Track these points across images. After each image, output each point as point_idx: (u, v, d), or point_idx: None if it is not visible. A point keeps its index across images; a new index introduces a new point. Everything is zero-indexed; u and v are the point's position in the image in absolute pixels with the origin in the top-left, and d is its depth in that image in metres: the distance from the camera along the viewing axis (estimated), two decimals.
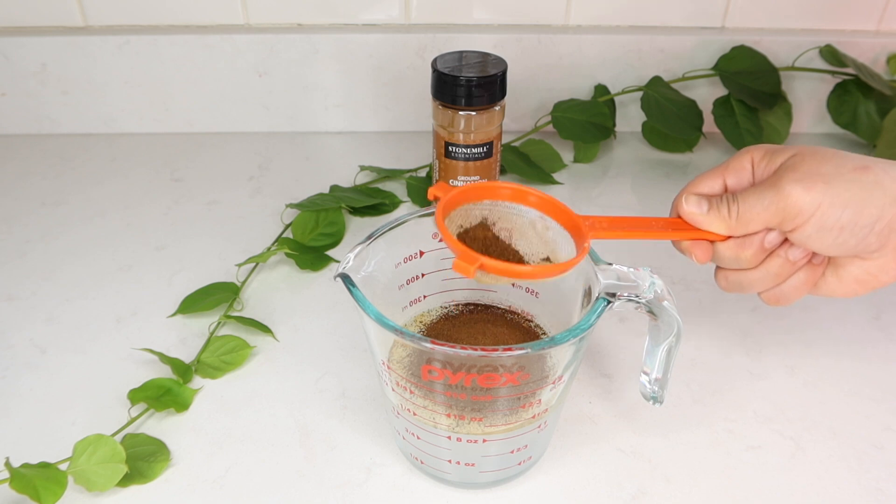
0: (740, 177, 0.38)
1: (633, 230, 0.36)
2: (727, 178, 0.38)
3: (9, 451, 0.40)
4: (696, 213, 0.37)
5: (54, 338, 0.49)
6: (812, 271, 0.38)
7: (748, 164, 0.38)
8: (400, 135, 0.74)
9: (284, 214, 0.60)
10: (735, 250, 0.37)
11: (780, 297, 0.39)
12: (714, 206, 0.36)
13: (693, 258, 0.38)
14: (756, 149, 0.38)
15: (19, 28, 0.69)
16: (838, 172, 0.34)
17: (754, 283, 0.38)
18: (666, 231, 0.37)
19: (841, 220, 0.34)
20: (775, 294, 0.39)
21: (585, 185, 0.67)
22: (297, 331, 0.49)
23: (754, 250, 0.37)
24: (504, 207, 0.36)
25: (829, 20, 0.71)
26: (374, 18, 0.70)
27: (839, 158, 0.35)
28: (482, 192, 0.36)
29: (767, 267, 0.38)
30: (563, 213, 0.35)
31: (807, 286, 0.38)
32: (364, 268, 0.36)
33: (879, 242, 0.35)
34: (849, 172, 0.34)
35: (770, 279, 0.38)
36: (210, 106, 0.72)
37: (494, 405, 0.35)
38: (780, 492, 0.39)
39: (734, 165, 0.38)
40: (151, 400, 0.43)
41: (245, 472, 0.40)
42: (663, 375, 0.38)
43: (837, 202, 0.34)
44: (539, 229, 0.36)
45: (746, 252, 0.37)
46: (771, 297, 0.39)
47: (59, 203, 0.63)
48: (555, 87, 0.71)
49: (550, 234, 0.36)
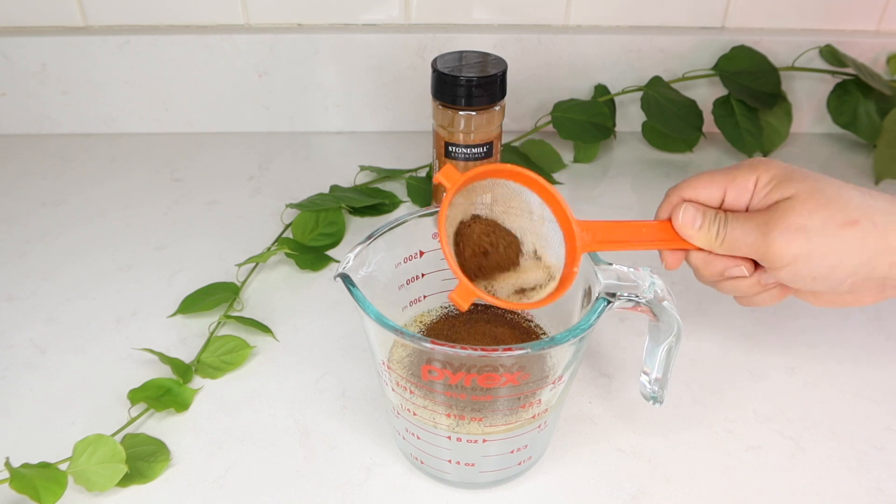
0: (741, 196, 0.38)
1: (623, 241, 0.37)
2: (729, 191, 0.38)
3: (9, 451, 0.40)
4: (689, 225, 0.38)
5: (54, 338, 0.49)
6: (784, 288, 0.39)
7: (752, 185, 0.38)
8: (400, 135, 0.74)
9: (284, 214, 0.60)
10: (703, 263, 0.39)
11: (752, 304, 0.40)
12: (706, 226, 0.37)
13: (664, 264, 0.39)
14: (764, 170, 0.37)
15: (19, 28, 0.69)
16: (824, 228, 0.35)
17: (725, 291, 0.40)
18: (653, 241, 0.38)
19: (815, 272, 0.36)
20: (747, 301, 0.40)
21: (585, 185, 0.67)
22: (297, 331, 0.49)
23: (716, 272, 0.39)
24: (506, 185, 0.36)
25: (829, 20, 0.71)
26: (374, 18, 0.70)
27: (832, 207, 0.35)
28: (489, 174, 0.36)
29: (734, 285, 0.39)
30: (563, 214, 0.36)
31: (780, 297, 0.40)
32: (364, 268, 0.36)
33: (853, 289, 0.37)
34: (835, 228, 0.35)
35: (739, 293, 0.40)
36: (210, 106, 0.72)
37: (494, 405, 0.35)
38: (780, 492, 0.39)
39: (740, 182, 0.38)
40: (151, 400, 0.43)
41: (245, 472, 0.40)
42: (663, 375, 0.38)
43: (816, 255, 0.35)
44: (535, 218, 0.36)
45: (711, 269, 0.38)
46: (744, 302, 0.41)
47: (59, 203, 0.63)
48: (555, 87, 0.71)
49: (545, 229, 0.36)
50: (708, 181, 0.38)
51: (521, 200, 0.36)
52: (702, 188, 0.38)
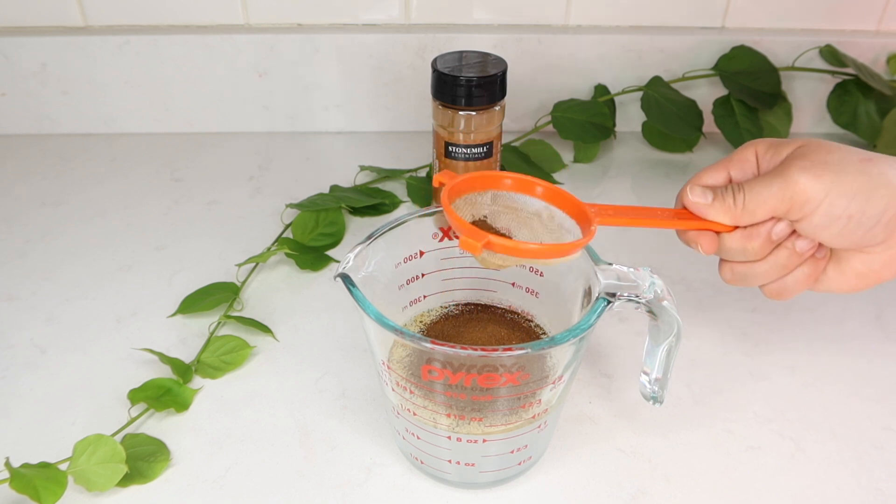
0: (744, 169, 0.38)
1: (639, 218, 0.36)
2: (731, 170, 0.38)
3: (9, 451, 0.40)
4: (701, 203, 0.37)
5: (54, 338, 0.49)
6: (815, 265, 0.38)
7: (752, 156, 0.38)
8: (400, 135, 0.74)
9: (284, 214, 0.60)
10: (742, 241, 0.37)
11: (783, 291, 0.39)
12: (719, 196, 0.36)
13: (699, 249, 0.38)
14: (760, 142, 0.38)
15: (19, 28, 0.69)
16: (846, 162, 0.35)
17: (760, 275, 0.38)
18: (672, 220, 0.37)
19: (849, 209, 0.34)
20: (777, 287, 0.39)
21: (585, 185, 0.67)
22: (297, 331, 0.49)
23: (761, 241, 0.37)
24: (508, 198, 0.36)
25: (829, 20, 0.71)
26: (374, 18, 0.69)
27: (844, 150, 0.36)
28: (487, 181, 0.36)
29: (775, 258, 0.37)
30: (569, 201, 0.36)
31: (809, 280, 0.39)
32: (364, 268, 0.36)
33: (885, 233, 0.35)
34: (856, 163, 0.35)
35: (776, 271, 0.38)
36: (210, 106, 0.72)
37: (494, 405, 0.35)
38: (780, 492, 0.39)
39: (738, 158, 0.38)
40: (151, 400, 0.43)
41: (245, 472, 0.40)
42: (663, 375, 0.38)
43: (846, 191, 0.34)
44: (544, 219, 0.36)
45: (754, 243, 0.37)
46: (773, 291, 0.39)
47: (59, 203, 0.63)
48: (555, 87, 0.71)
49: (556, 222, 0.36)
50: (709, 170, 0.38)
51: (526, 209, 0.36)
52: (705, 176, 0.38)
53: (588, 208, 0.35)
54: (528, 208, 0.36)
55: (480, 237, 0.31)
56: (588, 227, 0.34)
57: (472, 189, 0.36)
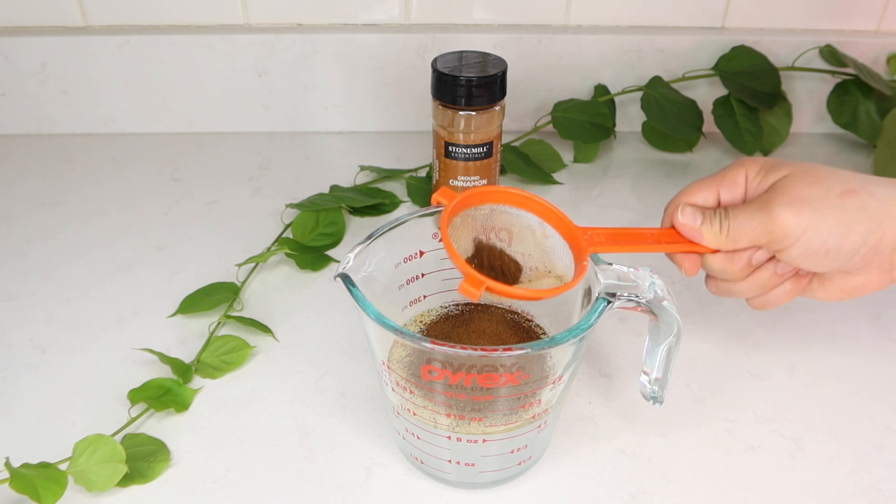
0: (734, 191, 0.39)
1: (629, 244, 0.37)
2: (721, 190, 0.39)
3: (9, 451, 0.40)
4: (690, 225, 0.38)
5: (54, 338, 0.49)
6: (798, 281, 0.40)
7: (742, 179, 0.39)
8: (400, 135, 0.74)
9: (284, 214, 0.60)
10: (724, 263, 0.38)
11: (766, 304, 0.40)
12: (707, 220, 0.37)
13: (682, 270, 0.39)
14: (751, 163, 0.39)
15: (19, 28, 0.69)
16: (826, 197, 0.35)
17: (742, 291, 0.40)
18: (660, 244, 0.38)
19: (826, 244, 0.35)
20: (762, 301, 0.40)
21: (585, 185, 0.67)
22: (297, 331, 0.49)
23: (742, 265, 0.38)
24: (504, 212, 0.36)
25: (829, 20, 0.71)
26: (374, 18, 0.70)
27: (829, 181, 0.36)
28: (484, 197, 0.36)
29: (755, 279, 0.39)
30: (563, 223, 0.36)
31: (793, 294, 0.40)
32: (364, 268, 0.36)
33: (864, 263, 0.37)
34: (835, 198, 0.35)
35: (757, 289, 0.39)
36: (210, 106, 0.72)
37: (494, 405, 0.35)
38: (780, 492, 0.39)
39: (729, 178, 0.39)
40: (151, 400, 0.43)
41: (245, 472, 0.40)
42: (663, 375, 0.38)
43: (823, 228, 0.35)
44: (538, 236, 0.36)
45: (734, 266, 0.38)
46: (757, 304, 0.41)
47: (58, 203, 0.63)
48: (555, 87, 0.71)
49: (549, 243, 0.36)
50: (699, 186, 0.39)
51: (520, 223, 0.37)
52: (696, 193, 0.39)
53: (581, 234, 0.36)
54: (522, 221, 0.37)
55: (479, 284, 0.32)
56: (581, 258, 0.35)
57: (468, 205, 0.36)
